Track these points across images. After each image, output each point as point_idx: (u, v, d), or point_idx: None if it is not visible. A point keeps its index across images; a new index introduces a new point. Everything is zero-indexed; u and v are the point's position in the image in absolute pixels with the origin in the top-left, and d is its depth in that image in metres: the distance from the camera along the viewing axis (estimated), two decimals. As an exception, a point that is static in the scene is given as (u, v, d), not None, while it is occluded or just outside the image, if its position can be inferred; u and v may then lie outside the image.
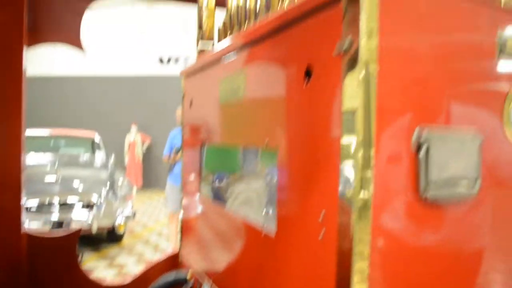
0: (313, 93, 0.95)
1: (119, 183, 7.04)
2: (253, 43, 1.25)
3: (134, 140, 11.67)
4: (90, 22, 2.26)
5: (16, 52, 1.84)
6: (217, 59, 1.53)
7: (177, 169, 5.44)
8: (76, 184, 6.38)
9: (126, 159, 11.73)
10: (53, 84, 12.35)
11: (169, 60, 12.14)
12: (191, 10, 2.15)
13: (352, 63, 0.81)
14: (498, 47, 1.02)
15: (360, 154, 0.81)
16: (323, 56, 0.90)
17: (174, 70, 11.38)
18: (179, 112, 5.70)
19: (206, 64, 1.67)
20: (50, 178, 6.30)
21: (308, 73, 0.96)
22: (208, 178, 1.71)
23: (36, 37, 1.91)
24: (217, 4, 2.00)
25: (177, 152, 5.40)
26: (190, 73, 1.87)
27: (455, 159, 0.92)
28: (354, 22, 0.80)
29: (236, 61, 1.38)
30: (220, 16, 1.96)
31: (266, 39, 1.17)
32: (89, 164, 7.52)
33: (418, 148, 0.87)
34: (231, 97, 1.39)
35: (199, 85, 1.78)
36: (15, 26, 1.81)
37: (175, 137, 5.66)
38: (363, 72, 0.79)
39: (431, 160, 0.87)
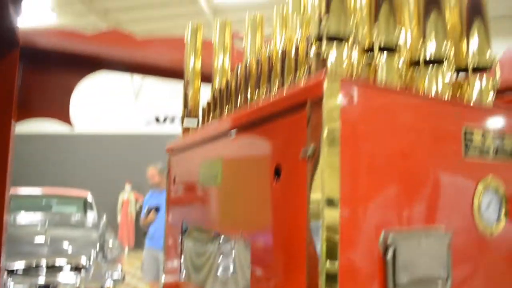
0: (282, 191, 0.97)
1: (110, 245, 6.91)
2: (229, 133, 1.28)
3: (128, 198, 11.59)
4: (87, 82, 2.33)
5: (5, 128, 1.87)
6: (198, 142, 1.56)
7: (152, 230, 5.35)
8: (65, 245, 6.27)
9: (119, 218, 11.59)
10: (47, 141, 12.42)
11: (165, 120, 12.31)
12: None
13: (316, 168, 0.83)
14: (464, 142, 1.05)
15: (325, 255, 0.81)
16: (291, 156, 0.93)
17: (170, 129, 11.49)
18: (151, 171, 5.63)
19: (189, 145, 1.70)
20: (39, 239, 6.20)
21: (277, 172, 0.98)
22: (188, 254, 1.70)
23: (26, 113, 1.96)
24: (203, 79, 2.07)
25: (148, 212, 5.35)
26: (175, 150, 1.90)
27: (424, 259, 0.92)
28: (317, 130, 0.83)
29: (215, 147, 1.41)
30: (206, 91, 2.02)
31: (241, 131, 1.21)
32: (80, 224, 7.43)
33: (385, 250, 0.87)
34: (210, 182, 1.41)
35: (182, 164, 1.80)
36: (5, 103, 1.85)
37: (149, 198, 5.64)
38: (326, 178, 0.81)
39: (398, 263, 0.87)
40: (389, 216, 0.90)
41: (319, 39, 0.95)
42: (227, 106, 1.54)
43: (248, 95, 1.39)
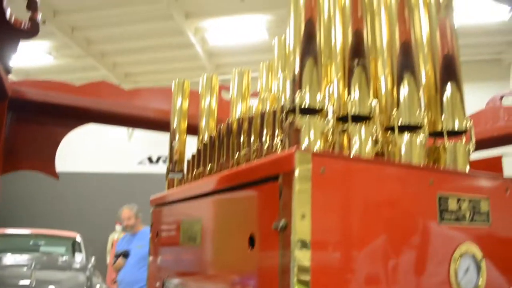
0: (257, 259, 0.96)
1: (97, 287, 6.76)
2: (207, 194, 1.28)
3: (118, 238, 11.40)
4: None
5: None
6: (180, 199, 1.56)
7: (120, 276, 5.12)
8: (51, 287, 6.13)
9: (108, 258, 11.36)
10: (36, 180, 12.28)
11: (158, 159, 12.28)
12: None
13: (288, 242, 0.83)
14: (439, 208, 1.05)
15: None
16: (264, 226, 0.93)
17: (163, 169, 11.48)
18: (127, 213, 5.37)
19: (172, 200, 1.70)
20: (24, 282, 6.05)
21: (251, 241, 0.98)
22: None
23: (10, 165, 1.95)
24: (190, 132, 2.08)
25: (117, 257, 5.14)
26: (158, 204, 1.89)
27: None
28: (289, 204, 0.83)
29: (196, 207, 1.41)
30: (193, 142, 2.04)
31: (218, 193, 1.21)
32: (68, 266, 7.28)
33: (358, 324, 0.86)
34: (190, 242, 1.40)
35: (164, 218, 1.79)
36: (-10, 156, 1.85)
37: (121, 242, 5.48)
38: (297, 252, 0.81)
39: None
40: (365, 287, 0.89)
41: (292, 110, 0.97)
42: (210, 164, 1.55)
43: (230, 155, 1.40)
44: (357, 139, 1.03)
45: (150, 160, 12.34)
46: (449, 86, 1.23)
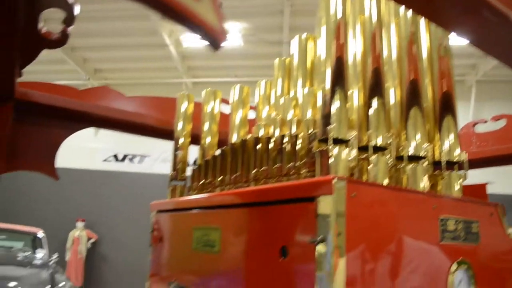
0: (287, 270, 1.09)
1: (60, 285, 6.61)
2: (230, 205, 1.39)
3: (79, 236, 11.18)
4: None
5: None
6: (192, 206, 1.66)
7: None
8: (12, 284, 5.96)
9: (68, 255, 11.13)
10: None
11: (124, 158, 12.12)
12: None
13: (323, 256, 0.96)
14: (441, 228, 1.21)
15: None
16: (298, 239, 1.05)
17: (128, 167, 11.38)
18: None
19: (179, 207, 1.78)
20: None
21: (283, 252, 1.10)
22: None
23: (12, 165, 1.97)
24: (192, 142, 2.17)
25: None
26: (162, 209, 1.97)
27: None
28: (326, 223, 0.96)
29: (212, 215, 1.51)
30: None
31: (242, 206, 1.32)
32: (28, 262, 7.08)
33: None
34: (205, 248, 1.50)
35: (170, 224, 1.87)
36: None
37: None
38: (331, 267, 0.94)
39: None
40: None
41: (323, 140, 1.11)
42: (221, 176, 1.65)
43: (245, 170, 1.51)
44: (375, 166, 1.18)
45: (116, 157, 12.16)
46: (446, 121, 1.40)
